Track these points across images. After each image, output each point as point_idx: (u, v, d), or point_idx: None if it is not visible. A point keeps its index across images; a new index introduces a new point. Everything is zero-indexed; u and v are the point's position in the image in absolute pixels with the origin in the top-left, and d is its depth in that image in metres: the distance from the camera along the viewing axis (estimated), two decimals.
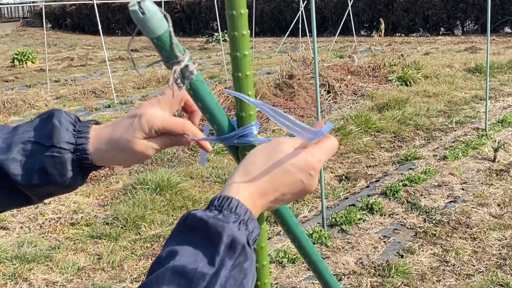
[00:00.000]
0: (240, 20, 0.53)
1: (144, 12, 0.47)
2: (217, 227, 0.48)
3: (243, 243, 0.48)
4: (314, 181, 0.56)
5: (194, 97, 0.55)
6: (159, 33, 0.49)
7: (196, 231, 0.49)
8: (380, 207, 3.25)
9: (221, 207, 0.51)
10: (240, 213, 0.50)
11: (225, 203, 0.51)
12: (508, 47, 10.25)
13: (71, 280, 2.66)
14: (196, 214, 0.50)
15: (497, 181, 3.65)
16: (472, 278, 2.53)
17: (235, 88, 0.57)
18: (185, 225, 0.50)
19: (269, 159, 0.54)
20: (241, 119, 0.57)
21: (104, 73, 9.38)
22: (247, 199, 0.52)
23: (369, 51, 10.06)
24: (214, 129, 0.59)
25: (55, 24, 20.52)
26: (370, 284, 2.51)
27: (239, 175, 0.54)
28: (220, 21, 9.50)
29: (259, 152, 0.55)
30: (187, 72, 0.51)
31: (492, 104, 5.74)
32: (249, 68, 0.56)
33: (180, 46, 0.51)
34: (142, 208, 3.35)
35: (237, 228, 0.49)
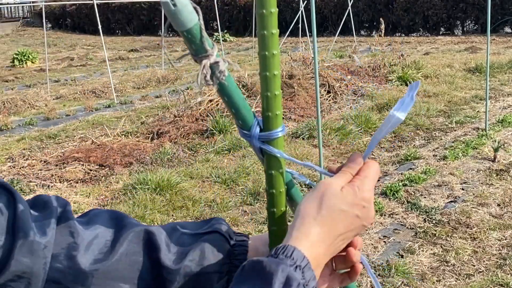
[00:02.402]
0: (270, 19, 0.53)
1: (175, 4, 0.47)
2: (271, 264, 0.48)
3: (299, 281, 0.48)
4: (370, 212, 0.55)
5: (220, 91, 0.54)
6: (190, 26, 0.48)
7: (252, 271, 0.49)
8: (380, 207, 3.25)
9: (277, 254, 0.50)
10: (297, 259, 0.50)
11: (280, 250, 0.51)
12: (508, 47, 10.25)
13: None
14: (253, 259, 0.50)
15: (497, 181, 3.65)
16: (472, 278, 2.53)
17: (262, 88, 0.55)
18: (243, 270, 0.50)
19: (322, 205, 0.53)
20: (267, 118, 0.56)
21: (104, 73, 9.38)
22: (306, 248, 0.51)
23: (369, 51, 10.06)
24: (238, 125, 0.57)
25: (55, 24, 20.52)
26: (370, 284, 2.51)
27: (295, 229, 0.53)
28: (220, 21, 9.50)
29: (310, 202, 0.54)
30: (217, 70, 0.50)
31: (492, 104, 5.74)
32: (277, 67, 0.55)
33: (209, 40, 0.50)
34: (142, 208, 3.35)
35: (293, 269, 0.49)
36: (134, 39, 15.88)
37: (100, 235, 0.59)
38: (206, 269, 0.60)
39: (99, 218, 0.61)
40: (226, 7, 15.83)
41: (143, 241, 0.60)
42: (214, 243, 0.62)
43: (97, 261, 0.57)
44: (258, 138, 0.56)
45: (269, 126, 0.56)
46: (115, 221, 0.61)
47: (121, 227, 0.60)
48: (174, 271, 0.59)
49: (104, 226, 0.60)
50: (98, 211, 0.63)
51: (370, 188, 0.55)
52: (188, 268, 0.60)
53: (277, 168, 0.57)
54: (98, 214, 0.62)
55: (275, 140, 0.57)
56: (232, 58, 10.58)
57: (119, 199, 3.59)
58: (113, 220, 0.61)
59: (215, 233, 0.62)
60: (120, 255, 0.58)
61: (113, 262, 0.57)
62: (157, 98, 7.09)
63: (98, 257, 0.57)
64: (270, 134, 0.56)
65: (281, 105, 0.57)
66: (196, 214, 3.34)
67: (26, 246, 0.53)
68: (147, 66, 10.02)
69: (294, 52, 8.44)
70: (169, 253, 0.60)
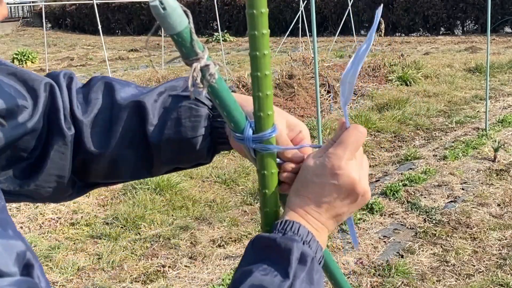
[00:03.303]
0: (260, 19, 0.53)
1: (165, 8, 0.46)
2: (286, 243, 0.51)
3: (312, 255, 0.51)
4: (349, 178, 0.54)
5: (211, 94, 0.54)
6: (179, 29, 0.48)
7: (266, 249, 0.51)
8: (380, 207, 3.25)
9: (284, 229, 0.53)
10: (303, 235, 0.52)
11: (287, 226, 0.53)
12: (508, 46, 10.24)
13: (71, 280, 2.66)
14: (263, 235, 0.52)
15: (497, 181, 3.65)
16: (472, 278, 2.53)
17: (253, 88, 0.56)
18: (254, 247, 0.52)
19: (297, 181, 0.56)
20: (259, 119, 0.56)
21: (104, 73, 9.37)
22: (307, 224, 0.54)
23: (369, 50, 10.05)
24: (230, 127, 0.58)
25: (55, 24, 20.52)
26: (370, 284, 2.51)
27: (292, 201, 0.56)
28: (220, 21, 9.50)
29: (298, 177, 0.56)
30: (208, 73, 0.50)
31: (492, 104, 5.74)
32: (268, 67, 0.55)
33: (200, 43, 0.50)
34: (142, 208, 3.35)
35: (303, 245, 0.52)
36: (134, 39, 15.88)
37: (99, 117, 0.63)
38: (185, 134, 0.63)
39: (95, 94, 0.65)
40: (226, 7, 15.83)
41: (137, 115, 0.64)
42: (190, 110, 0.64)
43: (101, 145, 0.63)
44: (252, 140, 0.57)
45: (261, 126, 0.56)
46: (111, 98, 0.65)
47: (118, 109, 0.64)
48: (156, 143, 0.63)
49: (102, 105, 0.64)
50: (96, 84, 0.66)
51: (341, 155, 0.54)
52: (167, 136, 0.63)
53: (269, 168, 0.58)
54: (96, 89, 0.66)
55: (268, 141, 0.57)
56: (232, 58, 10.58)
57: (119, 199, 3.59)
58: (109, 96, 0.65)
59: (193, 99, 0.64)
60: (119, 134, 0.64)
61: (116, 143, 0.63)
62: None
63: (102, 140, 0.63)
64: (262, 135, 0.56)
65: (273, 105, 0.57)
66: (196, 214, 3.34)
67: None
68: (147, 66, 10.01)
69: (294, 52, 8.44)
70: (153, 125, 0.63)
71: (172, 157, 0.65)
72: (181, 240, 3.01)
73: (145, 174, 0.68)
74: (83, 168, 0.65)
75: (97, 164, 0.64)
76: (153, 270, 2.71)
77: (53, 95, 0.62)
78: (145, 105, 0.63)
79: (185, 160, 0.66)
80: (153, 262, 2.78)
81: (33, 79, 0.61)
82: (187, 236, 3.06)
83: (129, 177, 0.68)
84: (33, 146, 0.60)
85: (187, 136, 0.63)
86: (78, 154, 0.63)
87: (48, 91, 0.62)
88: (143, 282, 2.62)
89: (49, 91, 0.62)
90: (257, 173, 0.59)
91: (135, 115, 0.64)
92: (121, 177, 0.68)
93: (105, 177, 0.67)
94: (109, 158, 0.64)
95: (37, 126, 0.60)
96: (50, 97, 0.62)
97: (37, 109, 0.60)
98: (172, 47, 14.60)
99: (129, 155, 0.64)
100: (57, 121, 0.61)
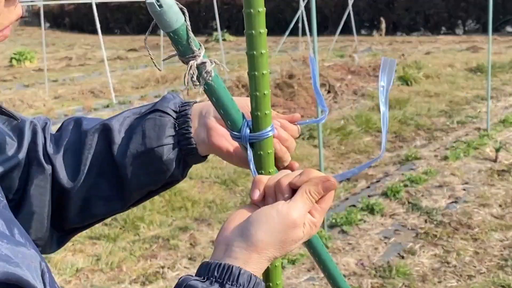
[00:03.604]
0: (257, 18, 0.53)
1: (161, 5, 0.46)
2: None
3: None
4: (299, 233, 0.52)
5: (208, 92, 0.53)
6: (176, 27, 0.48)
7: None
8: (380, 207, 3.23)
9: (222, 279, 0.48)
10: (244, 283, 0.48)
11: (226, 275, 0.48)
12: (509, 46, 10.22)
13: (70, 281, 2.64)
14: (191, 286, 0.47)
15: (499, 182, 3.63)
16: (473, 279, 2.52)
17: (250, 87, 0.55)
18: None
19: (271, 232, 0.51)
20: (257, 118, 0.56)
21: (102, 73, 9.35)
22: (251, 267, 0.50)
23: (370, 50, 10.04)
24: (227, 126, 0.57)
25: (54, 24, 20.50)
26: (371, 285, 2.49)
27: (240, 242, 0.51)
28: (220, 20, 9.48)
29: (266, 221, 0.52)
30: (204, 71, 0.50)
31: (493, 104, 5.72)
32: (265, 66, 0.55)
33: (196, 41, 0.50)
34: (141, 208, 3.33)
35: None
36: (133, 39, 15.86)
37: (69, 150, 0.66)
38: (150, 145, 0.63)
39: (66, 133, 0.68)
40: (225, 6, 15.81)
41: (103, 137, 0.66)
42: (154, 120, 0.64)
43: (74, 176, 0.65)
44: (248, 138, 0.56)
45: (258, 126, 0.56)
46: (79, 129, 0.67)
47: (85, 135, 0.67)
48: (121, 159, 0.64)
49: (72, 141, 0.67)
50: (65, 123, 0.70)
51: (320, 223, 0.55)
52: (133, 150, 0.64)
53: (267, 167, 0.58)
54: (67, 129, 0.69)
55: (265, 140, 0.56)
56: (232, 57, 10.56)
57: None
58: (77, 128, 0.68)
59: (155, 112, 0.65)
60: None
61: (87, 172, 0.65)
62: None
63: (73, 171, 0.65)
64: (260, 134, 0.56)
65: (270, 105, 0.56)
66: (195, 215, 3.32)
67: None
68: (146, 65, 9.99)
69: (294, 51, 8.43)
70: (120, 144, 0.65)
71: (140, 175, 0.64)
72: (180, 241, 2.99)
73: (118, 207, 0.68)
74: (59, 211, 0.66)
75: (71, 202, 0.65)
76: (152, 271, 2.69)
77: (35, 133, 0.66)
78: (111, 126, 0.65)
79: (155, 177, 0.65)
80: (152, 263, 2.76)
81: (20, 123, 0.65)
82: (186, 237, 3.04)
83: (103, 213, 0.68)
84: (17, 186, 0.63)
85: (152, 145, 0.63)
86: (53, 192, 0.65)
87: (32, 129, 0.66)
88: (142, 283, 2.60)
89: (32, 130, 0.66)
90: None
91: (102, 138, 0.65)
92: (96, 214, 0.68)
93: (81, 218, 0.67)
94: (82, 192, 0.65)
95: (22, 161, 0.63)
96: (32, 135, 0.65)
97: (22, 147, 0.63)
98: (171, 47, 14.57)
99: (100, 184, 0.65)
100: (37, 155, 0.64)
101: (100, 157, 0.65)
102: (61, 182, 0.64)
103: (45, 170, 0.63)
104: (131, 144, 0.63)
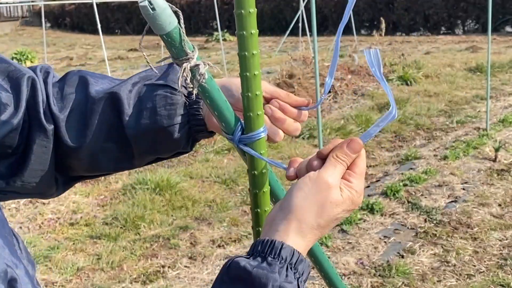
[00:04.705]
0: (248, 19, 0.53)
1: (154, 8, 0.47)
2: (261, 278, 0.46)
3: None
4: (357, 202, 0.54)
5: (201, 93, 0.54)
6: (169, 30, 0.48)
7: (239, 281, 0.47)
8: (380, 207, 3.24)
9: (264, 253, 0.48)
10: (286, 257, 0.48)
11: (268, 249, 0.48)
12: (509, 46, 10.23)
13: (70, 280, 2.65)
14: (239, 263, 0.47)
15: (498, 181, 3.64)
16: (473, 278, 2.52)
17: (242, 88, 0.55)
18: (228, 274, 0.48)
19: (322, 215, 0.52)
20: (249, 119, 0.56)
21: (103, 73, 9.34)
22: (293, 239, 0.49)
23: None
24: (221, 127, 0.58)
25: (54, 24, 20.50)
26: (370, 284, 2.50)
27: (285, 224, 0.51)
28: (220, 20, 9.48)
29: (310, 204, 0.52)
30: (197, 73, 0.50)
31: (493, 103, 5.73)
32: (257, 67, 0.55)
33: (190, 43, 0.50)
34: (142, 208, 3.34)
35: (284, 275, 0.47)
36: (133, 39, 15.86)
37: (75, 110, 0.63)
38: (161, 123, 0.63)
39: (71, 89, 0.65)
40: (226, 6, 15.81)
41: (112, 106, 0.63)
42: (165, 98, 0.63)
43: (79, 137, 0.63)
44: (240, 140, 0.57)
45: (250, 126, 0.56)
46: (85, 92, 0.64)
47: (92, 102, 0.64)
48: (133, 133, 0.63)
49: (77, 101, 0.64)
50: (71, 79, 0.66)
51: (363, 190, 0.54)
52: (143, 126, 0.62)
53: (259, 168, 0.58)
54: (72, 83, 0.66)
55: (257, 141, 0.57)
56: (232, 57, 10.56)
57: (119, 199, 3.58)
58: (84, 90, 0.64)
59: (166, 87, 0.64)
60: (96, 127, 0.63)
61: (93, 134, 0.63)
62: None
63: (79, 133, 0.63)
64: (252, 135, 0.56)
65: (262, 105, 0.57)
66: (196, 214, 3.33)
67: None
68: (146, 65, 9.99)
69: (294, 51, 8.43)
70: (129, 116, 0.63)
71: (150, 147, 0.65)
72: (180, 240, 3.00)
73: (127, 165, 0.67)
74: (63, 163, 0.64)
75: (77, 158, 0.64)
76: (153, 271, 2.70)
77: (34, 89, 0.62)
78: (119, 96, 0.63)
79: (164, 149, 0.65)
80: (153, 263, 2.77)
81: (16, 76, 0.61)
82: (186, 236, 3.05)
83: (112, 169, 0.68)
84: (18, 142, 0.60)
85: (163, 124, 0.62)
86: (57, 149, 0.63)
87: (30, 86, 0.62)
88: (142, 282, 2.61)
89: (31, 86, 0.62)
90: (248, 173, 0.59)
91: (110, 106, 0.63)
92: (103, 170, 0.68)
93: (87, 170, 0.67)
94: (88, 152, 0.63)
95: (21, 122, 0.60)
96: (31, 92, 0.62)
97: (20, 106, 0.60)
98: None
99: (108, 147, 0.64)
100: (38, 116, 0.61)
101: (108, 125, 0.63)
102: (64, 142, 0.62)
103: (46, 130, 0.61)
104: (142, 119, 0.62)
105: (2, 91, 0.59)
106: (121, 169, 0.68)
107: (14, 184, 0.61)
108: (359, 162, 0.55)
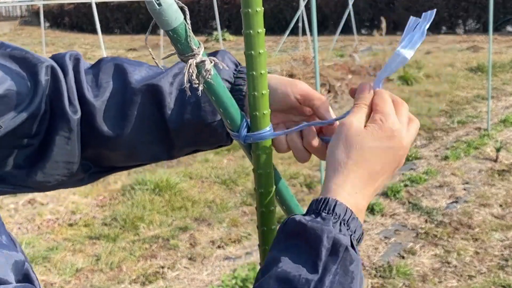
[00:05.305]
0: (255, 18, 0.53)
1: (160, 3, 0.46)
2: (316, 230, 0.46)
3: (345, 245, 0.46)
4: (403, 142, 0.53)
5: (207, 90, 0.54)
6: (175, 25, 0.48)
7: (295, 236, 0.47)
8: (381, 207, 3.23)
9: (318, 209, 0.49)
10: (340, 213, 0.48)
11: (322, 205, 0.49)
12: (510, 46, 10.22)
13: (69, 281, 2.63)
14: (295, 219, 0.48)
15: (499, 182, 3.63)
16: (474, 279, 2.51)
17: (249, 87, 0.55)
18: (284, 231, 0.49)
19: (349, 148, 0.51)
20: (255, 118, 0.56)
21: None
22: (345, 198, 0.49)
23: (370, 50, 10.03)
24: (226, 125, 0.58)
25: (53, 23, 20.49)
26: (371, 285, 2.48)
27: (330, 181, 0.51)
28: (220, 19, 9.47)
29: (336, 148, 0.52)
30: (203, 69, 0.50)
31: (494, 103, 5.71)
32: (263, 66, 0.55)
33: (195, 39, 0.50)
34: (141, 208, 3.33)
35: (337, 229, 0.47)
36: (133, 38, 15.85)
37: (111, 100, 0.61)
38: (206, 119, 0.62)
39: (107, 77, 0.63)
40: (225, 5, 15.80)
41: (153, 98, 0.62)
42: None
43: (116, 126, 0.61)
44: (246, 138, 0.56)
45: (256, 125, 0.56)
46: (123, 80, 0.62)
47: (131, 92, 0.61)
48: (176, 127, 0.62)
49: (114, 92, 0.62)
50: (106, 66, 0.64)
51: (394, 120, 0.53)
52: (186, 120, 0.61)
53: (265, 167, 0.57)
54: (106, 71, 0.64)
55: (263, 140, 0.56)
56: None
57: (118, 200, 3.56)
58: (121, 79, 0.62)
59: None
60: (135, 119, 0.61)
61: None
62: None
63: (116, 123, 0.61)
64: (258, 134, 0.56)
65: (269, 105, 0.56)
66: (195, 215, 3.32)
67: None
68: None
69: (294, 51, 8.42)
70: (171, 109, 0.61)
71: (192, 141, 0.64)
72: (180, 241, 2.99)
73: (165, 157, 0.66)
74: (98, 153, 0.63)
75: (114, 149, 0.62)
76: (152, 271, 2.68)
77: (55, 78, 0.59)
78: (161, 88, 0.61)
79: (206, 143, 0.65)
80: (152, 263, 2.76)
81: (34, 63, 0.58)
82: (186, 237, 3.03)
83: (150, 160, 0.66)
84: (34, 132, 0.58)
85: (207, 120, 0.61)
86: (90, 139, 0.61)
87: (50, 74, 0.59)
88: (142, 283, 2.60)
89: (51, 75, 0.59)
90: (253, 172, 0.58)
91: (151, 99, 0.61)
92: (141, 161, 0.66)
93: (124, 161, 0.65)
94: (127, 143, 0.62)
95: (37, 111, 0.57)
96: (52, 80, 0.59)
97: (36, 94, 0.57)
98: (171, 46, 14.57)
99: (148, 139, 0.62)
100: (61, 105, 0.59)
101: (148, 117, 0.61)
102: (100, 132, 0.60)
103: (70, 121, 0.58)
104: (185, 114, 0.61)
105: (16, 78, 0.56)
106: (158, 160, 0.66)
107: (36, 177, 0.59)
108: (377, 100, 0.55)
